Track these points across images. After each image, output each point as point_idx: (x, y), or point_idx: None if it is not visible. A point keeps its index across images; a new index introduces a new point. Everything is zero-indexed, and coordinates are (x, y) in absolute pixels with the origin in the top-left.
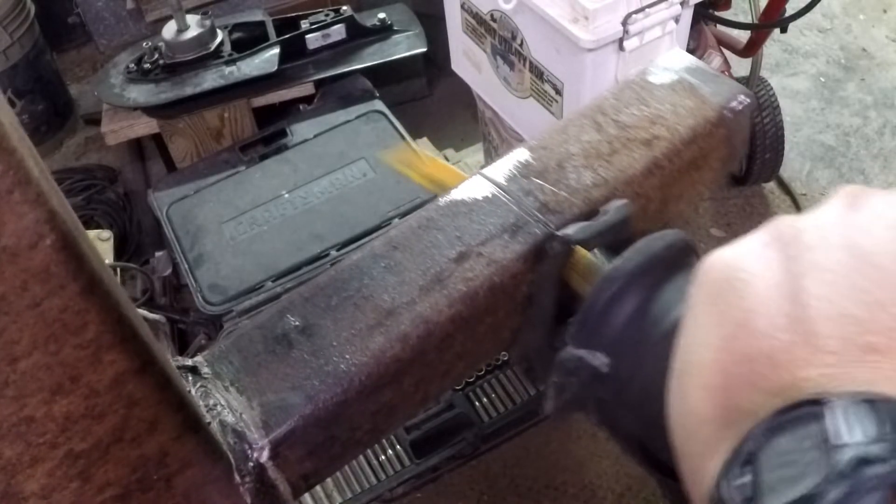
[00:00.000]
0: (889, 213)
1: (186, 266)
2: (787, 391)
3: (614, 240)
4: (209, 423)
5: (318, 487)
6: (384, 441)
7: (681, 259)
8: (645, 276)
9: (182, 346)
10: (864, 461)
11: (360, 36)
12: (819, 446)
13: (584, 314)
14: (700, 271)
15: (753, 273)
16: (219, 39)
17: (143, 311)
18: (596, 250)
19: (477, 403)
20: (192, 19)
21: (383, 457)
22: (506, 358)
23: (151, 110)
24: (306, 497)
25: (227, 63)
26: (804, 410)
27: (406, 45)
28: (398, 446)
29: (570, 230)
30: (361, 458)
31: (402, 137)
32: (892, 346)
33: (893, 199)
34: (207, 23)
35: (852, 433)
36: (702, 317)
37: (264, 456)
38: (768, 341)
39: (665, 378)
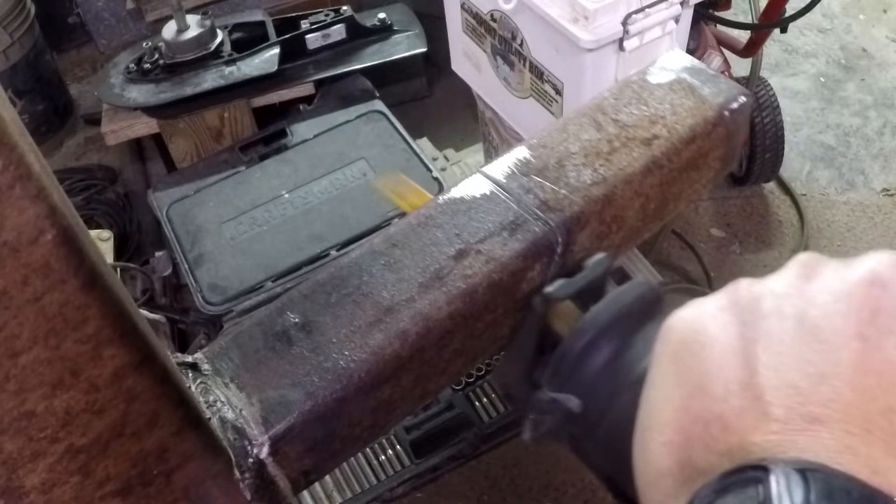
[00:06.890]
0: (836, 287)
1: (186, 266)
2: (735, 453)
3: (591, 284)
4: (209, 420)
5: (318, 487)
6: (384, 441)
7: (649, 309)
8: (615, 327)
9: (182, 347)
10: None
11: (360, 36)
12: None
13: (558, 361)
14: (663, 330)
15: (711, 336)
16: (219, 39)
17: (143, 312)
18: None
19: (477, 403)
20: (192, 19)
21: (383, 457)
22: None
23: (151, 110)
24: (306, 497)
25: (227, 63)
26: (748, 474)
27: (406, 45)
28: (398, 446)
29: (553, 288)
30: (361, 458)
31: (403, 137)
32: (832, 416)
33: (843, 272)
34: (207, 23)
35: (787, 499)
36: (664, 375)
37: (264, 452)
38: (721, 405)
39: (630, 423)
